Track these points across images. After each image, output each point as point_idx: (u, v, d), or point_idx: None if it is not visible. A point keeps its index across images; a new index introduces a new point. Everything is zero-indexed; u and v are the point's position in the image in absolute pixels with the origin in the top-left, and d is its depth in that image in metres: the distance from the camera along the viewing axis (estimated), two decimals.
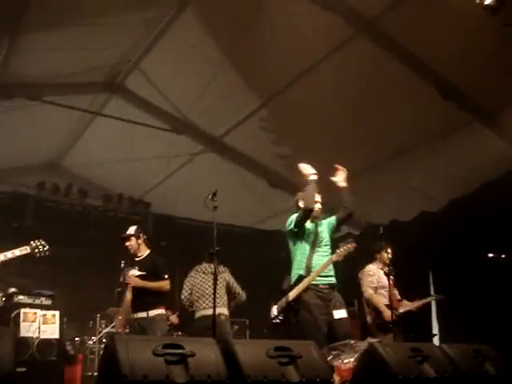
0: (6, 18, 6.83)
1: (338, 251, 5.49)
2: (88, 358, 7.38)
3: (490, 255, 6.86)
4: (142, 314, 6.19)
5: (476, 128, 7.80)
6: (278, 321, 5.50)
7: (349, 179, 8.51)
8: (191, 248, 9.66)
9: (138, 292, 6.29)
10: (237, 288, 7.11)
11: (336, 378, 4.12)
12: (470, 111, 7.67)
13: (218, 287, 5.90)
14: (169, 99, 8.82)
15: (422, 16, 6.50)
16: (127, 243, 6.54)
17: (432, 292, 9.04)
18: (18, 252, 5.10)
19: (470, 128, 7.81)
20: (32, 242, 5.29)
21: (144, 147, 9.31)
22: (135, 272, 6.32)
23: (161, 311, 6.31)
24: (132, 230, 6.61)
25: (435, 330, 8.91)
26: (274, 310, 5.58)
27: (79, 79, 8.41)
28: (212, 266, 6.10)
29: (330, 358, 4.47)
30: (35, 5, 6.61)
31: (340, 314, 5.31)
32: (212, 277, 6.27)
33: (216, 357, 3.42)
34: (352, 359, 4.44)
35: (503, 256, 6.77)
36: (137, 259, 6.53)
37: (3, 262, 5.10)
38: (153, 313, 6.23)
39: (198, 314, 6.77)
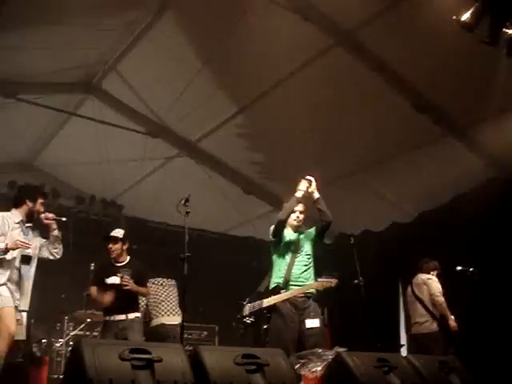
0: None
1: (320, 280, 5.54)
2: (55, 361, 7.29)
3: (459, 268, 6.97)
4: (121, 317, 6.20)
5: (449, 142, 7.93)
6: (248, 321, 5.60)
7: (322, 188, 8.59)
8: (163, 252, 9.63)
9: (120, 295, 6.25)
10: None
11: None
12: (443, 125, 7.80)
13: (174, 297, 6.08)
14: (145, 102, 8.78)
15: (400, 30, 6.59)
16: (112, 245, 6.46)
17: (401, 303, 9.12)
18: None
19: (442, 141, 7.94)
20: None
21: (118, 149, 9.24)
22: (117, 279, 6.25)
23: (138, 314, 6.42)
24: (120, 233, 6.52)
25: (403, 340, 8.99)
26: (247, 309, 5.66)
27: (55, 79, 8.33)
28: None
29: (297, 366, 4.48)
30: (12, 3, 6.53)
31: (312, 323, 5.37)
32: (165, 288, 6.47)
33: (183, 363, 3.41)
34: (319, 368, 4.46)
35: (471, 269, 6.88)
36: (117, 264, 6.47)
37: None
38: (132, 315, 6.28)
39: (154, 322, 6.82)
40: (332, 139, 8.44)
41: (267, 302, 5.49)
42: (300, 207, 5.90)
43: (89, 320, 7.68)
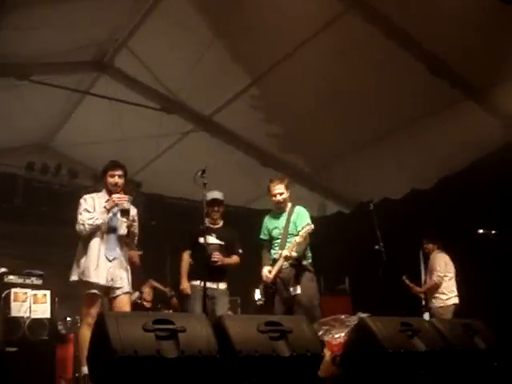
0: None
1: (300, 233, 5.61)
2: (79, 337, 7.35)
3: (481, 231, 6.92)
4: (212, 285, 6.15)
5: (466, 105, 7.79)
6: (261, 302, 5.81)
7: (340, 157, 8.59)
8: (182, 227, 9.65)
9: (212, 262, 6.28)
10: None
11: (327, 353, 4.14)
12: (460, 88, 7.66)
13: None
14: (158, 78, 8.73)
15: None
16: (218, 208, 6.52)
17: (422, 269, 9.10)
18: None
19: (460, 105, 7.80)
20: None
21: (134, 127, 9.22)
22: (212, 239, 6.31)
23: (226, 285, 6.51)
24: (221, 195, 6.54)
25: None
26: (257, 293, 5.89)
27: (67, 58, 8.30)
28: None
29: (320, 332, 4.50)
30: None
31: (295, 290, 5.64)
32: None
33: (207, 332, 3.43)
34: (343, 334, 4.47)
35: (493, 232, 6.83)
36: (214, 227, 6.50)
37: None
38: (222, 286, 6.42)
39: None
40: (348, 108, 8.34)
41: (271, 275, 5.79)
42: (281, 189, 6.07)
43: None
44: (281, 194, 6.03)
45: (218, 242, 6.41)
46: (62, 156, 10.25)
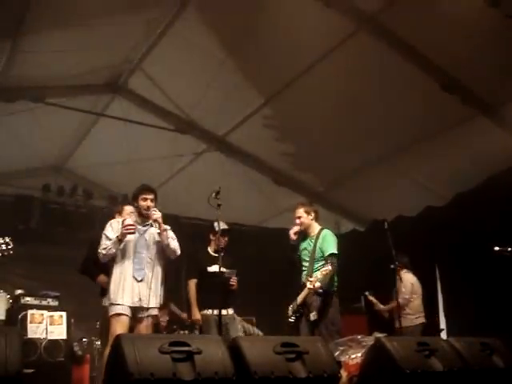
0: (8, 21, 6.83)
1: (321, 270, 5.68)
2: (95, 359, 7.35)
3: (497, 249, 6.86)
4: (223, 312, 6.20)
5: (479, 121, 7.77)
6: (291, 320, 5.84)
7: (353, 175, 8.57)
8: (196, 247, 9.66)
9: (224, 289, 6.34)
10: None
11: (343, 374, 4.12)
12: (472, 105, 7.64)
13: None
14: (171, 99, 8.82)
15: (424, 9, 6.47)
16: (225, 238, 6.63)
17: (439, 287, 9.04)
18: None
19: (473, 122, 7.78)
20: None
21: (148, 147, 9.32)
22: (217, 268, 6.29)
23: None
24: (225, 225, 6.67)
25: (442, 324, 8.90)
26: (290, 310, 5.91)
27: (82, 81, 8.43)
28: None
29: (337, 353, 4.48)
30: (37, 6, 6.61)
31: (313, 316, 5.70)
32: None
33: (223, 354, 3.43)
34: (359, 354, 4.45)
35: (509, 249, 6.77)
36: (215, 255, 6.56)
37: None
38: (231, 311, 6.61)
39: None
40: (361, 126, 8.36)
41: (300, 298, 5.83)
42: (296, 213, 6.17)
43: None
44: (299, 217, 6.12)
45: (224, 270, 6.41)
46: (77, 177, 10.35)
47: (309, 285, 5.63)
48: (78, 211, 9.72)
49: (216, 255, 6.55)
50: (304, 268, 6.04)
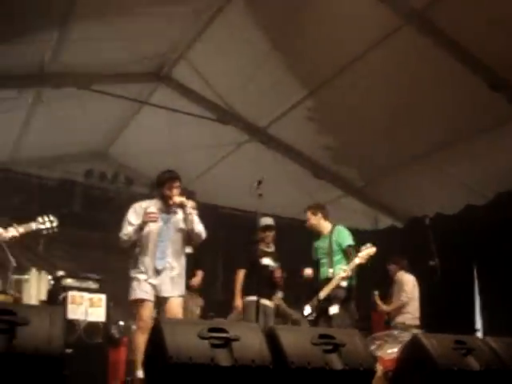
0: (56, 9, 6.96)
1: (360, 255, 5.66)
2: (132, 342, 7.46)
3: None
4: (267, 302, 6.58)
5: None
6: (312, 318, 5.98)
7: (394, 171, 8.49)
8: (234, 237, 9.74)
9: (270, 282, 6.66)
10: None
11: (379, 368, 4.12)
12: None
13: None
14: (215, 89, 8.86)
15: (473, 7, 6.38)
16: (270, 233, 6.95)
17: (476, 287, 8.93)
18: (22, 229, 5.02)
19: None
20: (39, 218, 5.15)
21: (189, 137, 9.38)
22: (269, 261, 6.72)
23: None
24: (272, 221, 7.07)
25: (478, 325, 8.81)
26: (307, 309, 6.07)
27: (127, 69, 8.54)
28: None
29: (373, 347, 4.48)
30: None
31: (333, 310, 5.83)
32: None
33: (260, 342, 3.47)
34: (395, 349, 4.44)
35: None
36: (269, 250, 6.90)
37: (11, 238, 5.04)
38: (272, 303, 6.81)
39: None
40: (404, 121, 8.28)
41: (324, 293, 5.94)
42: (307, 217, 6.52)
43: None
44: (307, 220, 6.53)
45: (273, 264, 6.77)
46: (119, 164, 10.52)
47: (343, 273, 5.67)
48: (119, 197, 9.88)
49: (266, 249, 6.84)
50: (323, 265, 6.19)
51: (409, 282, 8.11)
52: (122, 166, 10.48)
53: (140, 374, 4.60)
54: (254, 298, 6.50)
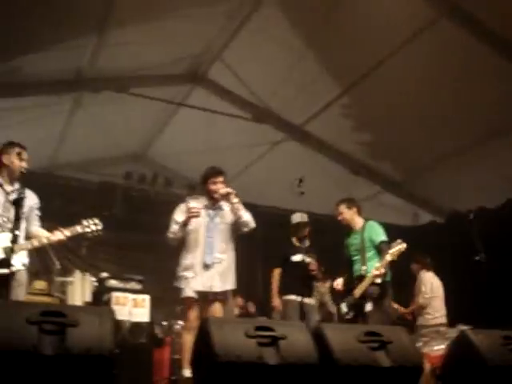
0: (94, 15, 7.08)
1: (390, 251, 5.55)
2: (175, 342, 7.54)
3: None
4: (307, 300, 6.48)
5: None
6: (349, 317, 5.80)
7: (434, 164, 8.34)
8: (272, 235, 9.73)
9: (307, 278, 6.55)
10: None
11: (426, 365, 4.08)
12: None
13: None
14: (250, 89, 8.91)
15: None
16: (302, 230, 6.79)
17: None
18: (68, 232, 5.11)
19: None
20: (84, 221, 5.24)
21: (226, 137, 9.43)
22: (301, 257, 6.56)
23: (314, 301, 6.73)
24: (305, 217, 6.90)
25: None
26: (344, 306, 5.88)
27: (163, 71, 8.64)
28: None
29: (419, 344, 4.44)
30: (118, 2, 6.82)
31: (368, 306, 5.66)
32: None
33: (306, 340, 3.46)
34: (442, 346, 4.39)
35: None
36: (302, 246, 6.73)
37: (57, 242, 5.12)
38: (310, 300, 6.66)
39: None
40: (442, 115, 8.18)
41: (359, 291, 5.76)
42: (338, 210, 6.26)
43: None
44: (340, 214, 6.25)
45: (307, 259, 6.59)
46: (157, 165, 10.62)
47: (375, 271, 5.61)
48: (159, 198, 9.97)
49: (299, 245, 6.74)
50: (355, 262, 6.02)
51: (427, 282, 8.01)
52: (161, 168, 10.59)
53: (186, 372, 4.62)
54: (290, 296, 6.56)
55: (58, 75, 8.19)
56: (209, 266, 5.16)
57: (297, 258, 6.67)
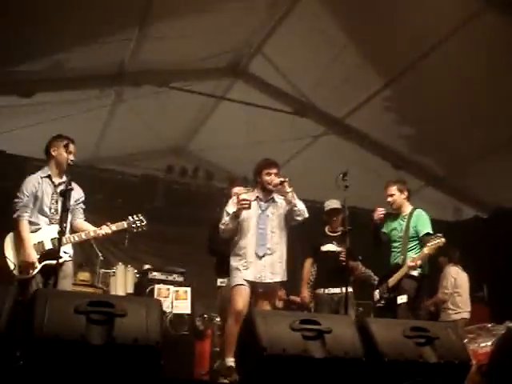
0: (135, 8, 7.13)
1: (429, 245, 5.42)
2: (215, 334, 7.58)
3: None
4: (336, 290, 6.30)
5: None
6: (380, 304, 5.76)
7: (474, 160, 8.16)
8: (313, 230, 9.69)
9: (334, 266, 6.31)
10: None
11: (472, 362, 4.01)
12: None
13: None
14: (291, 82, 8.86)
15: None
16: (336, 217, 6.60)
17: None
18: (114, 227, 5.21)
19: None
20: (130, 217, 5.33)
21: (267, 130, 9.41)
22: (333, 246, 6.47)
23: (350, 289, 6.19)
24: (338, 204, 6.54)
25: None
26: (377, 294, 5.82)
27: (204, 65, 8.64)
28: None
29: (465, 341, 4.37)
30: None
31: (401, 299, 5.53)
32: None
33: (352, 334, 3.45)
34: (489, 343, 4.31)
35: None
36: (334, 234, 6.64)
37: (103, 235, 5.21)
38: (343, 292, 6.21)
39: None
40: (486, 108, 8.02)
41: (393, 280, 5.67)
42: (388, 191, 6.06)
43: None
44: (391, 195, 6.02)
45: (338, 249, 6.43)
46: (198, 159, 10.67)
47: (411, 262, 5.50)
48: (200, 192, 10.03)
49: (332, 234, 6.63)
50: (394, 249, 5.88)
51: (450, 277, 7.90)
52: (202, 161, 10.63)
53: (229, 361, 4.63)
54: (319, 290, 6.49)
55: (101, 69, 8.30)
56: (260, 258, 5.17)
57: (327, 247, 6.55)
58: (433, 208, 9.49)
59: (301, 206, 5.34)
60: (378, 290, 5.85)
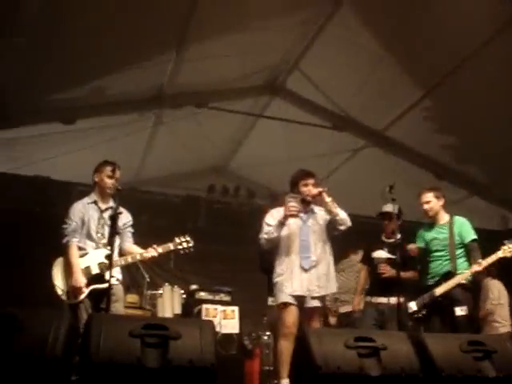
0: (172, 31, 7.23)
1: (504, 248, 5.29)
2: (264, 353, 7.55)
3: None
4: (382, 299, 6.01)
5: None
6: (420, 315, 5.59)
7: None
8: (355, 243, 9.62)
9: (380, 276, 6.11)
10: None
11: None
12: None
13: None
14: (329, 97, 8.84)
15: None
16: (388, 221, 6.28)
17: None
18: (161, 249, 5.25)
19: None
20: (176, 239, 5.37)
21: (306, 146, 9.40)
22: (383, 253, 6.22)
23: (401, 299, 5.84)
24: (392, 208, 6.05)
25: None
26: (414, 306, 5.67)
27: (241, 83, 8.71)
28: None
29: None
30: (198, 16, 6.93)
31: (461, 311, 5.40)
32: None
33: (408, 350, 3.41)
34: None
35: None
36: (388, 241, 6.31)
37: (150, 258, 5.26)
38: (394, 300, 5.77)
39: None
40: None
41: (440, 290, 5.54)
42: (424, 198, 6.01)
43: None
44: (427, 202, 5.96)
45: (388, 255, 6.17)
46: (239, 177, 10.72)
47: (477, 267, 5.36)
48: (242, 210, 10.06)
49: (386, 240, 6.35)
50: (438, 258, 5.74)
51: (495, 289, 7.75)
52: (243, 179, 10.68)
53: (284, 383, 4.58)
54: (366, 297, 6.30)
55: (140, 93, 8.42)
56: (306, 270, 5.06)
57: (377, 253, 6.26)
58: (478, 217, 9.33)
59: (343, 215, 5.26)
60: (413, 302, 5.71)
